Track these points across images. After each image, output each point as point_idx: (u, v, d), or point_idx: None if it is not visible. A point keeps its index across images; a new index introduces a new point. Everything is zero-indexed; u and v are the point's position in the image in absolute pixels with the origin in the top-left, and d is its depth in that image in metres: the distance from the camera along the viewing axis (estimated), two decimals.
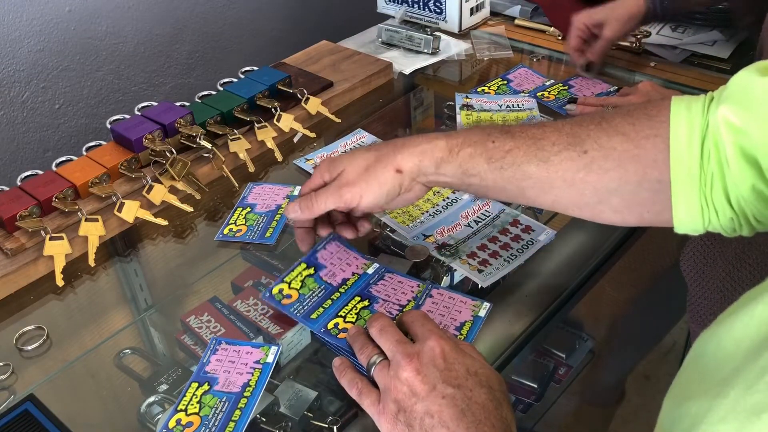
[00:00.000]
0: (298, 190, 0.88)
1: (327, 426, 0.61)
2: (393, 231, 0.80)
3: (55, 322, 0.75)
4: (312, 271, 0.71)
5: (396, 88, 1.16)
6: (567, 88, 1.09)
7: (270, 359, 0.63)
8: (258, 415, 0.60)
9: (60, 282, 0.76)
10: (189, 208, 0.87)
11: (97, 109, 1.36)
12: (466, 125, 1.00)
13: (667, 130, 0.53)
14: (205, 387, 0.61)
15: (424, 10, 1.28)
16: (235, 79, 1.07)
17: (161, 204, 0.86)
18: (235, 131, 0.96)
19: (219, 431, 0.57)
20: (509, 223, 0.80)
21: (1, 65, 1.20)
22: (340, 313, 0.67)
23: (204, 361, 0.64)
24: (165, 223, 0.85)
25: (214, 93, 1.04)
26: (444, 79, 1.21)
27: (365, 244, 0.81)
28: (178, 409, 0.60)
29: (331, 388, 0.64)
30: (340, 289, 0.69)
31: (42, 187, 0.83)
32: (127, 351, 0.71)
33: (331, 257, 0.73)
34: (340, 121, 1.05)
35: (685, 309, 1.11)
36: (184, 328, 0.71)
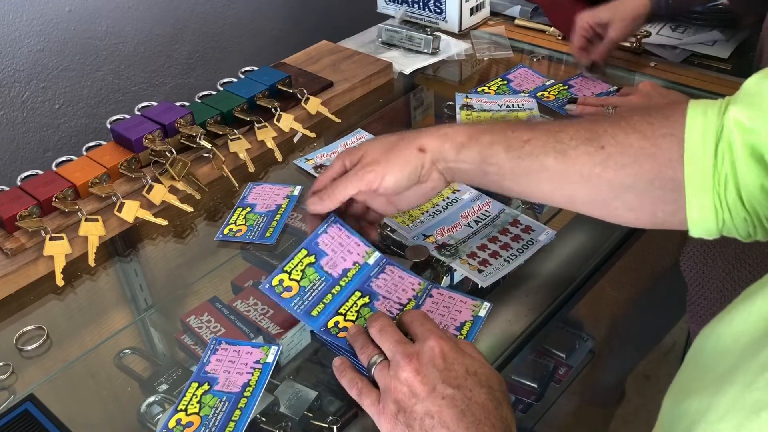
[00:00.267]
0: (298, 190, 0.88)
1: (327, 426, 0.61)
2: (393, 231, 0.80)
3: (55, 322, 0.75)
4: (312, 259, 0.70)
5: (396, 88, 1.16)
6: (567, 88, 1.09)
7: (270, 359, 0.63)
8: (258, 415, 0.60)
9: (60, 282, 0.76)
10: (189, 208, 0.87)
11: (97, 109, 1.36)
12: None
13: (682, 130, 0.54)
14: (205, 387, 0.61)
15: (424, 10, 1.28)
16: (235, 79, 1.07)
17: (161, 204, 0.86)
18: (235, 131, 0.96)
19: (219, 431, 0.57)
20: (509, 223, 0.80)
21: (1, 65, 1.20)
22: (340, 311, 0.67)
23: (204, 361, 0.64)
24: (165, 223, 0.85)
25: (214, 93, 1.04)
26: (444, 79, 1.21)
27: None
28: (178, 409, 0.60)
29: (331, 388, 0.64)
30: (341, 282, 0.69)
31: (42, 187, 0.83)
32: (127, 351, 0.71)
33: (332, 242, 0.71)
34: (340, 121, 1.05)
35: (685, 309, 1.12)
36: (184, 328, 0.71)
